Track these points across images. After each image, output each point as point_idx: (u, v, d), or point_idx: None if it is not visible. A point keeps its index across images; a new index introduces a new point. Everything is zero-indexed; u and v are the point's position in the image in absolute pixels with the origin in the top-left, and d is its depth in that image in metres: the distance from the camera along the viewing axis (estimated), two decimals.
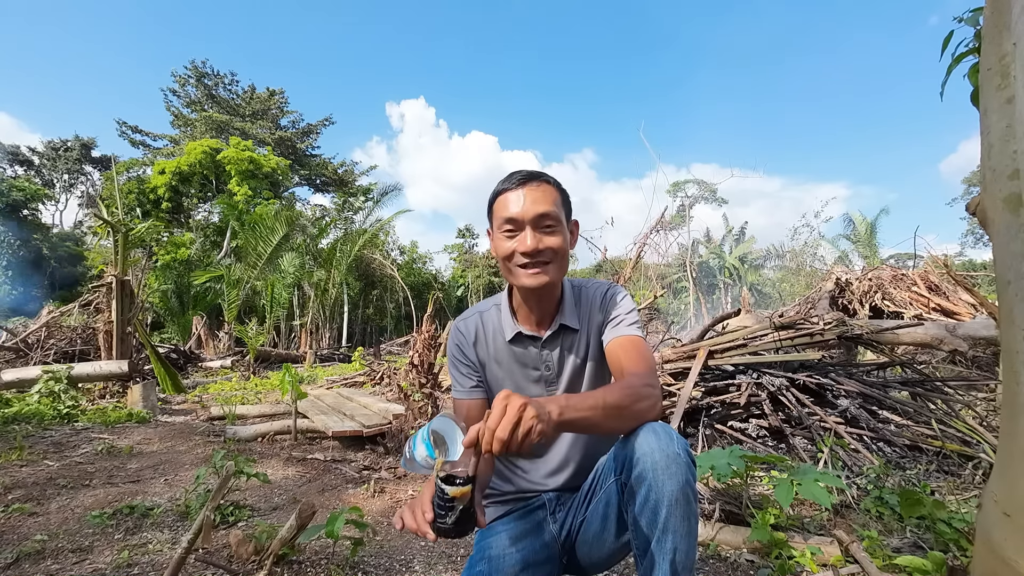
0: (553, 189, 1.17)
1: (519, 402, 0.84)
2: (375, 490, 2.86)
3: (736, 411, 3.46)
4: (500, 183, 1.19)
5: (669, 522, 0.94)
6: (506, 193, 1.16)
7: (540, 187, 1.15)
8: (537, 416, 0.84)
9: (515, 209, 1.13)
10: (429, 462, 0.92)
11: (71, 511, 2.46)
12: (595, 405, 0.94)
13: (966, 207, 1.27)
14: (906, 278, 9.35)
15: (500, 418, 0.83)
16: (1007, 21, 1.05)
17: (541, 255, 1.14)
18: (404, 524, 0.95)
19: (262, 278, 15.15)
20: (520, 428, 0.83)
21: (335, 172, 32.05)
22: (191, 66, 29.30)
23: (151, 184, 22.64)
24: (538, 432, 0.84)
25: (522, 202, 1.13)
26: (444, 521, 0.89)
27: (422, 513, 0.92)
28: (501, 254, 1.18)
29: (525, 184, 1.15)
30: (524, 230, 1.14)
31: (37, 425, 4.39)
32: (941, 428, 3.13)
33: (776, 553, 1.87)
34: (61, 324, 9.44)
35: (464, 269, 29.92)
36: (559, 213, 1.16)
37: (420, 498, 0.97)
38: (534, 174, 1.17)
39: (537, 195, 1.14)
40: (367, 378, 7.88)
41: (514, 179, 1.16)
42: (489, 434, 0.84)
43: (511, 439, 0.82)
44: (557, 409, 0.89)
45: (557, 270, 1.17)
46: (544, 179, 1.17)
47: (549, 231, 1.14)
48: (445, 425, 0.92)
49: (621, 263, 12.24)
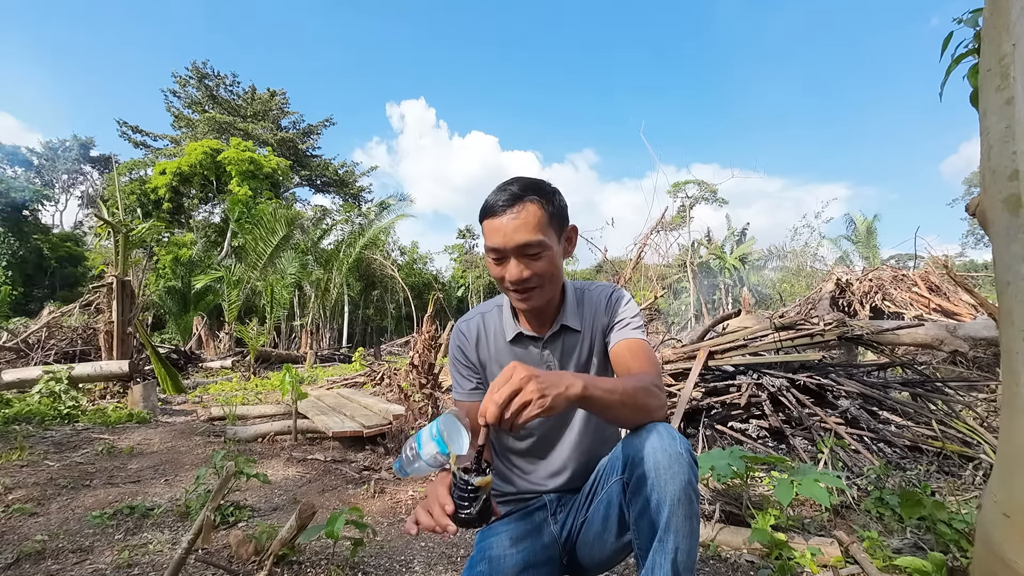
0: (539, 208, 1.11)
1: (524, 372, 0.84)
2: (375, 490, 2.86)
3: (736, 412, 3.46)
4: (488, 198, 1.15)
5: (671, 522, 0.94)
6: (490, 219, 1.13)
7: (524, 210, 1.10)
8: (540, 391, 0.83)
9: (498, 239, 1.11)
10: (439, 459, 0.92)
11: (71, 511, 2.46)
12: (614, 389, 0.95)
13: (966, 208, 1.27)
14: (907, 279, 9.36)
15: (502, 384, 0.83)
16: (1006, 22, 1.05)
17: (527, 282, 1.13)
18: (421, 525, 0.93)
19: (263, 278, 15.16)
20: (518, 399, 0.82)
21: (336, 173, 32.08)
22: (192, 67, 29.32)
23: (152, 184, 22.67)
24: (537, 406, 0.83)
25: (503, 233, 1.10)
26: (469, 511, 0.89)
27: (440, 508, 0.90)
28: (493, 276, 1.18)
29: (508, 209, 1.10)
30: (509, 259, 1.13)
31: (38, 425, 4.40)
32: (941, 429, 3.13)
33: (776, 554, 1.87)
34: (62, 324, 9.46)
35: (464, 270, 29.94)
36: (545, 236, 1.11)
37: (431, 495, 0.95)
38: (519, 195, 1.11)
39: (519, 223, 1.09)
40: (367, 379, 7.88)
41: (500, 200, 1.12)
42: (488, 399, 0.83)
43: (506, 407, 0.82)
44: (581, 383, 0.89)
45: (545, 292, 1.17)
46: (530, 199, 1.11)
47: (535, 257, 1.12)
48: (451, 422, 0.93)
49: (621, 264, 12.25)
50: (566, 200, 1.21)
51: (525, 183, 1.14)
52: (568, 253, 1.22)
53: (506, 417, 0.83)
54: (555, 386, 0.86)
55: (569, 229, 1.22)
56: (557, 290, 1.22)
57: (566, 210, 1.20)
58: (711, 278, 22.82)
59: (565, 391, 0.86)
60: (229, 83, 30.72)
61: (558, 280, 1.20)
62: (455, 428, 0.92)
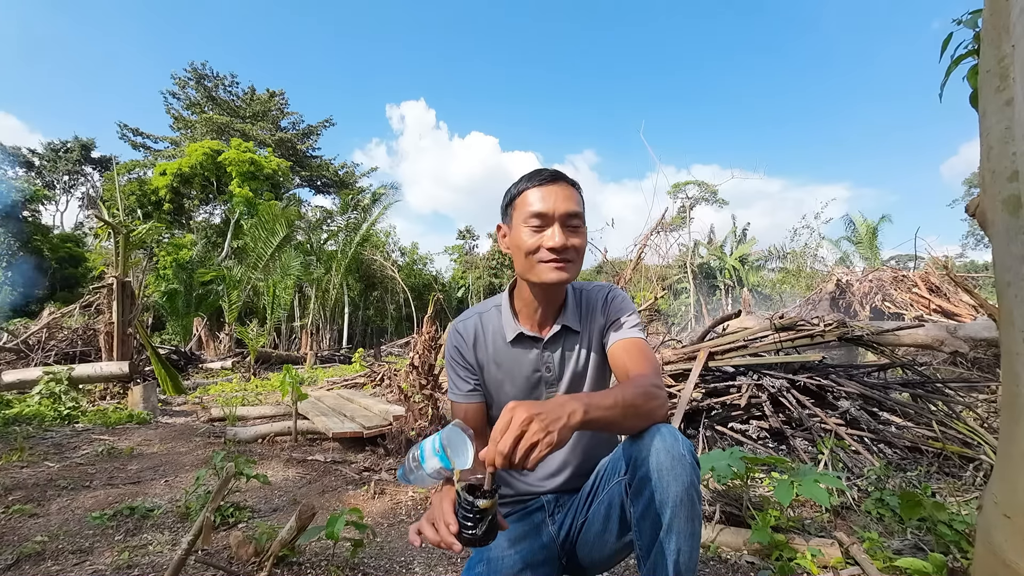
0: (577, 192, 1.19)
1: (524, 415, 0.82)
2: (375, 491, 2.86)
3: (737, 412, 3.46)
4: (525, 178, 1.19)
5: (673, 523, 0.94)
6: (535, 188, 1.16)
7: (567, 187, 1.17)
8: (545, 429, 0.82)
9: (546, 205, 1.13)
10: (442, 473, 0.91)
11: (71, 512, 2.46)
12: (614, 404, 0.94)
13: (966, 208, 1.27)
14: (907, 279, 9.36)
15: (503, 431, 0.82)
16: (1006, 23, 1.06)
17: (567, 252, 1.15)
18: (425, 538, 0.92)
19: (263, 279, 15.16)
20: (523, 443, 0.81)
21: (336, 174, 32.05)
22: (191, 68, 29.30)
23: (152, 186, 22.66)
24: (545, 445, 0.82)
25: (553, 198, 1.14)
26: (474, 532, 0.88)
27: (445, 526, 0.90)
28: (525, 248, 1.15)
29: (554, 182, 1.16)
30: (553, 226, 1.14)
31: (38, 426, 4.39)
32: (942, 430, 3.12)
33: (777, 555, 1.87)
34: (62, 325, 9.47)
35: (465, 270, 29.91)
36: (583, 215, 1.18)
37: (437, 510, 0.94)
38: (560, 174, 1.18)
39: (567, 193, 1.15)
40: (367, 379, 7.88)
41: (543, 175, 1.17)
42: (492, 446, 0.83)
43: (512, 453, 0.81)
44: (582, 408, 0.88)
45: (576, 269, 1.19)
46: (570, 181, 1.19)
47: (575, 230, 1.16)
48: (455, 435, 0.91)
49: (622, 264, 12.25)
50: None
51: (559, 172, 1.19)
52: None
53: (515, 463, 0.82)
54: (558, 419, 0.84)
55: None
56: (577, 275, 1.22)
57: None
58: (711, 279, 22.81)
59: (568, 421, 0.85)
60: (228, 84, 30.70)
61: (581, 266, 1.21)
62: (459, 442, 0.91)
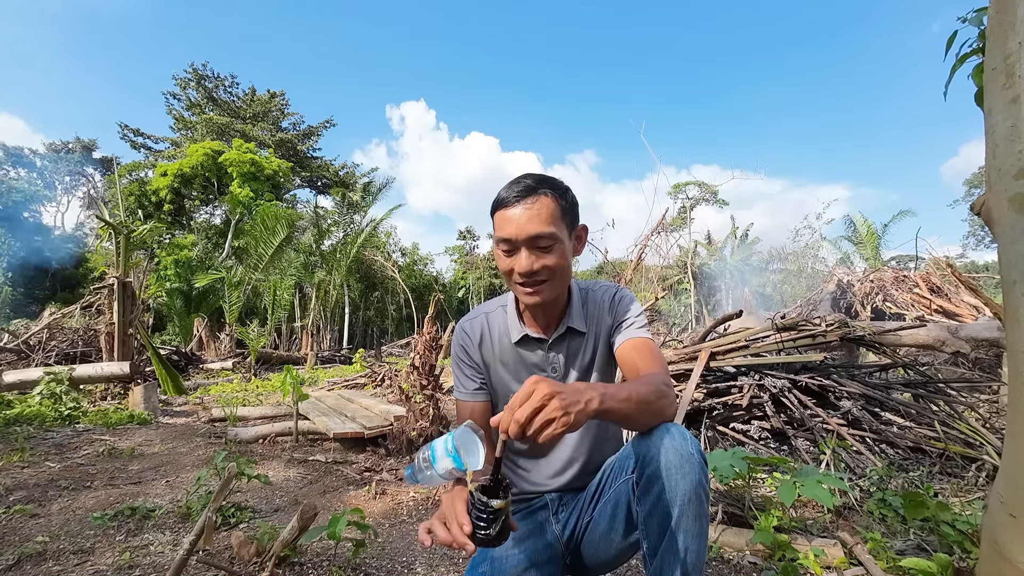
0: (552, 202, 1.11)
1: (546, 390, 0.82)
2: (376, 492, 2.86)
3: (738, 413, 3.45)
4: (502, 191, 1.14)
5: (681, 522, 0.94)
6: (503, 210, 1.12)
7: (538, 202, 1.10)
8: (564, 408, 0.82)
9: (510, 230, 1.10)
10: (453, 474, 0.91)
11: (72, 512, 2.46)
12: (628, 398, 0.94)
13: (971, 207, 1.27)
14: (908, 280, 9.36)
15: (524, 400, 0.82)
16: (1012, 20, 1.05)
17: (537, 275, 1.12)
18: (436, 537, 0.91)
19: (264, 279, 15.17)
20: (540, 416, 0.81)
21: (336, 174, 32.04)
22: (191, 69, 29.33)
23: (153, 186, 22.67)
24: (561, 424, 0.81)
25: (515, 224, 1.09)
26: (487, 532, 0.88)
27: (458, 526, 0.88)
28: (501, 269, 1.17)
29: (522, 200, 1.10)
30: (520, 251, 1.11)
31: (39, 427, 4.39)
32: (944, 430, 3.12)
33: (779, 555, 1.86)
34: (63, 326, 9.48)
35: (465, 271, 29.90)
36: (557, 230, 1.11)
37: (449, 510, 0.93)
38: (533, 187, 1.11)
39: (533, 213, 1.09)
40: (368, 380, 7.87)
41: (513, 192, 1.11)
42: (508, 414, 0.82)
43: (528, 424, 0.81)
44: (599, 397, 0.87)
45: (555, 287, 1.16)
46: (544, 192, 1.11)
47: (545, 250, 1.11)
48: (467, 437, 0.91)
49: (622, 265, 12.24)
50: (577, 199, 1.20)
51: (539, 177, 1.15)
52: (578, 252, 1.21)
53: (528, 434, 0.81)
54: (577, 403, 0.84)
55: (579, 228, 1.21)
56: (565, 287, 1.21)
57: (577, 208, 1.20)
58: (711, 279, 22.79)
59: (586, 406, 0.85)
60: (228, 84, 30.71)
61: (567, 276, 1.18)
62: (471, 443, 0.90)
